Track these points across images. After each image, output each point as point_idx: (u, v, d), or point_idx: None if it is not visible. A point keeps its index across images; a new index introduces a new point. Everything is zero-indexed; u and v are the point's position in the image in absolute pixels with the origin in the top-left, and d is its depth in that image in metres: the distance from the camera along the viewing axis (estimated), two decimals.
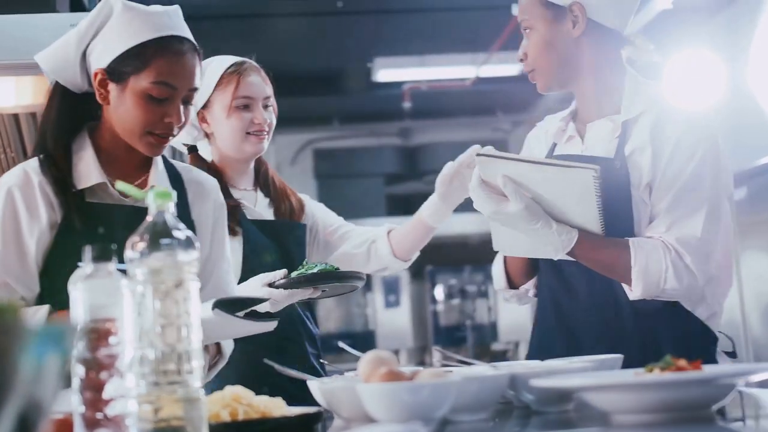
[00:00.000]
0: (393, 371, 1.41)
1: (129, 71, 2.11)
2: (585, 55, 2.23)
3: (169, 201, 1.43)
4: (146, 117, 2.11)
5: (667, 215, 2.10)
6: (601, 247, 2.08)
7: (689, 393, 1.33)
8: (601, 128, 2.22)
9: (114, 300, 1.33)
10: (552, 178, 1.99)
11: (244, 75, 2.75)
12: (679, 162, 2.11)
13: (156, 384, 1.36)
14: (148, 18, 2.13)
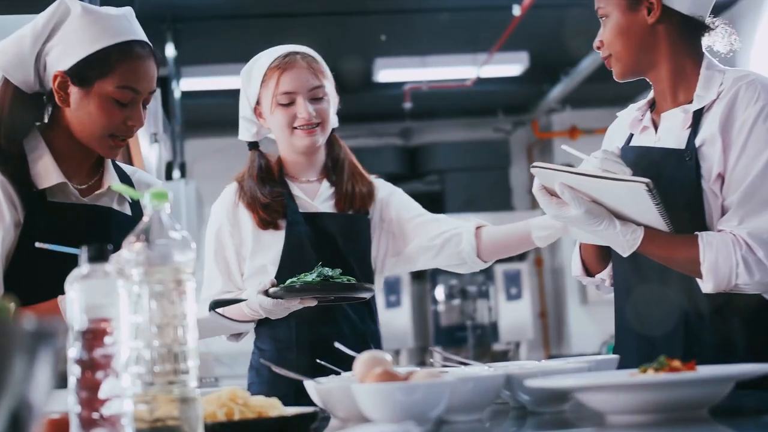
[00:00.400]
0: (388, 371, 1.42)
1: (93, 75, 2.13)
2: (661, 42, 2.19)
3: (166, 201, 1.43)
4: (110, 120, 2.15)
5: (739, 208, 2.05)
6: (669, 244, 2.05)
7: (683, 393, 1.33)
8: (674, 118, 2.18)
9: (110, 300, 1.33)
10: (606, 189, 1.99)
11: (287, 70, 2.64)
12: (752, 153, 2.06)
13: (152, 384, 1.37)
14: (109, 22, 2.15)
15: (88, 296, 1.33)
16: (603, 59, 2.27)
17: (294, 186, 2.71)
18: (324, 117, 2.65)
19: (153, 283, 1.38)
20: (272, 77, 2.64)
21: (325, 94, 2.66)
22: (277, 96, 2.63)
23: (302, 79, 2.63)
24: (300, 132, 2.64)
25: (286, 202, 2.66)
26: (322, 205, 2.70)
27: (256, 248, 2.64)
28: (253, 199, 2.66)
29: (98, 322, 1.31)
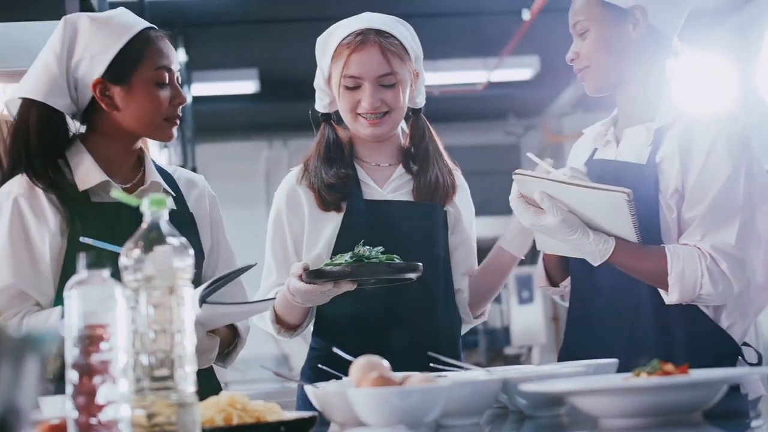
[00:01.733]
0: (383, 376, 1.43)
1: (129, 69, 2.21)
2: (639, 58, 2.26)
3: (164, 208, 1.45)
4: (159, 104, 2.22)
5: (702, 223, 2.12)
6: (638, 255, 2.11)
7: (676, 397, 1.34)
8: (636, 135, 2.25)
9: (108, 306, 1.34)
10: (585, 198, 2.02)
11: (356, 51, 2.41)
12: (713, 170, 2.14)
13: (149, 389, 1.38)
14: (117, 20, 2.25)
15: (85, 302, 1.34)
16: (577, 71, 2.29)
17: (363, 170, 2.52)
18: (393, 105, 2.41)
19: (150, 289, 1.39)
20: (341, 56, 2.43)
21: (398, 81, 2.41)
22: (344, 78, 2.42)
23: (371, 64, 2.40)
24: (363, 120, 2.43)
25: (351, 186, 2.47)
26: (393, 194, 2.49)
27: (312, 235, 2.44)
28: (316, 177, 2.47)
29: (95, 328, 1.33)
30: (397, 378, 1.46)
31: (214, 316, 2.05)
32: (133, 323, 1.39)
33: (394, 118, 2.44)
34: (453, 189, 2.53)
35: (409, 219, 2.44)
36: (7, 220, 2.16)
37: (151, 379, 1.38)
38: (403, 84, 2.43)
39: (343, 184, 2.45)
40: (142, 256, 1.40)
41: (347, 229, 2.41)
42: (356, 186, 2.47)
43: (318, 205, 2.45)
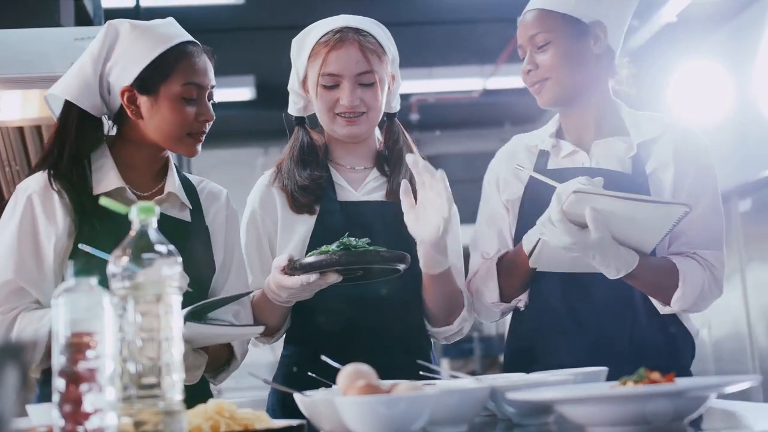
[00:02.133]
0: (370, 384, 1.43)
1: (157, 81, 2.22)
2: (600, 74, 2.33)
3: (153, 216, 1.45)
4: (183, 119, 2.22)
5: (700, 233, 2.24)
6: (653, 268, 2.16)
7: (662, 405, 1.34)
8: (611, 146, 2.30)
9: (95, 314, 1.34)
10: (641, 213, 2.03)
11: (334, 48, 2.38)
12: (704, 184, 2.26)
13: (137, 397, 1.38)
14: (157, 30, 2.25)
15: (72, 309, 1.34)
16: (532, 83, 2.31)
17: (337, 173, 2.50)
18: (371, 105, 2.39)
19: (138, 296, 1.39)
20: (319, 54, 2.40)
21: (376, 80, 2.38)
22: (322, 76, 2.39)
23: (350, 62, 2.37)
24: (341, 120, 2.40)
25: (325, 187, 2.45)
26: (367, 196, 2.47)
27: (285, 236, 2.42)
28: (289, 179, 2.46)
29: (82, 336, 1.33)
30: (384, 386, 1.46)
31: (198, 335, 2.04)
32: (121, 331, 1.39)
33: (372, 118, 2.42)
34: None
35: (383, 219, 2.39)
36: (18, 216, 2.20)
37: (139, 386, 1.38)
38: (381, 84, 2.40)
39: (316, 186, 2.43)
40: (130, 263, 1.40)
41: (320, 231, 2.38)
42: (330, 188, 2.45)
43: (291, 207, 2.43)
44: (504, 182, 2.43)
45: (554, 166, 2.34)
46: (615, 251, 2.05)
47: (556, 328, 2.30)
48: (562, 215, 2.01)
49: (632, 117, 2.34)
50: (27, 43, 3.28)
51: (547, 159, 2.37)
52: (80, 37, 3.36)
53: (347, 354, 1.84)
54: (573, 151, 2.34)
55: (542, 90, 2.30)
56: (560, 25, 2.27)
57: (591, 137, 2.34)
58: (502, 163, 2.46)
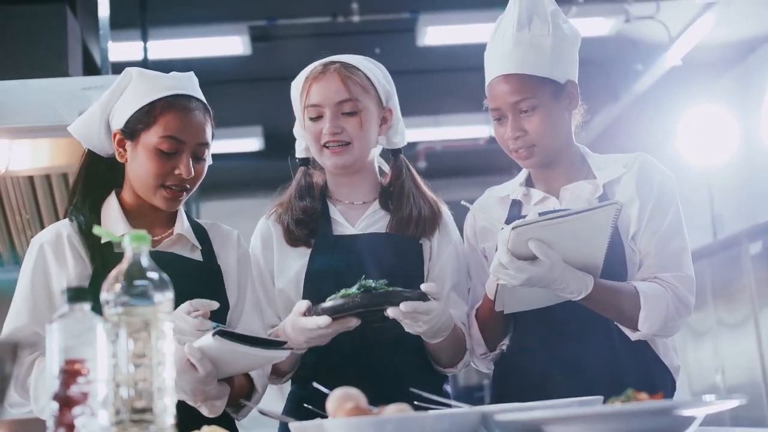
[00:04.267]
0: (358, 407, 1.44)
1: (140, 128, 2.24)
2: (570, 129, 2.39)
3: (145, 244, 1.48)
4: (157, 170, 2.22)
5: (659, 256, 2.29)
6: (612, 290, 2.20)
7: (648, 424, 1.35)
8: (579, 189, 2.37)
9: (87, 340, 1.37)
10: (580, 226, 2.06)
11: (316, 80, 2.41)
12: (663, 210, 2.32)
13: (129, 421, 1.40)
14: (159, 80, 2.28)
15: (66, 336, 1.37)
16: (518, 148, 2.31)
17: (335, 208, 2.50)
18: (355, 135, 2.38)
19: (131, 322, 1.42)
20: (305, 88, 2.43)
21: (358, 109, 2.37)
22: (306, 108, 2.41)
23: (330, 91, 2.39)
24: (327, 151, 2.40)
25: (321, 222, 2.46)
26: (363, 231, 2.46)
27: (280, 268, 2.44)
28: (286, 213, 2.48)
29: (74, 363, 1.35)
30: (372, 409, 1.48)
31: (226, 351, 1.98)
32: (114, 356, 1.41)
33: (358, 148, 2.40)
34: (434, 224, 2.46)
35: (377, 251, 2.38)
36: (31, 265, 2.25)
37: (131, 411, 1.40)
38: (365, 113, 2.38)
39: (311, 220, 2.45)
40: (123, 290, 1.42)
41: (315, 264, 2.40)
42: (326, 222, 2.46)
43: (287, 240, 2.45)
44: (481, 231, 2.47)
45: (526, 213, 2.38)
46: (570, 273, 2.10)
47: (534, 366, 2.34)
48: (510, 256, 2.06)
49: (596, 160, 2.41)
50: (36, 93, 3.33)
51: (520, 207, 2.42)
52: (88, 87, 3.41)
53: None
54: (543, 197, 2.39)
55: (530, 155, 2.31)
56: (543, 90, 2.29)
57: (560, 184, 2.39)
58: (478, 215, 2.48)
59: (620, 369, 2.28)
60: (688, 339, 8.06)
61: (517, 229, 2.03)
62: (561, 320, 2.30)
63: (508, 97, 2.28)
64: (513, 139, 2.29)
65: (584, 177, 2.39)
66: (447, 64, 7.53)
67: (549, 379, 2.31)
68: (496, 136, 2.36)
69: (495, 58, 2.34)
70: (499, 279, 2.11)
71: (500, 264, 2.07)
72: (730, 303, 7.63)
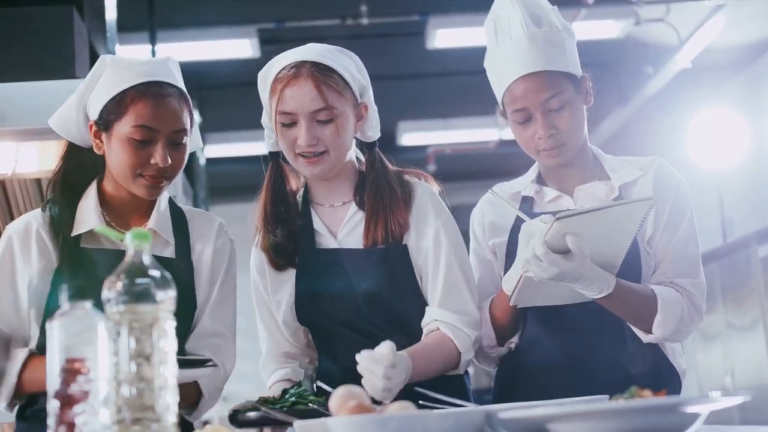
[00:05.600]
0: (361, 404, 1.44)
1: (112, 118, 2.19)
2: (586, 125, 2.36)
3: (147, 242, 1.47)
4: (132, 160, 2.19)
5: (676, 262, 2.28)
6: (632, 291, 2.18)
7: (653, 421, 1.34)
8: (593, 190, 2.35)
9: (87, 338, 1.36)
10: (611, 220, 2.05)
11: (288, 85, 2.25)
12: (679, 215, 2.31)
13: (131, 420, 1.39)
14: (132, 67, 2.22)
15: (66, 334, 1.36)
16: (551, 148, 2.26)
17: (316, 216, 2.37)
18: (331, 144, 2.25)
19: (132, 320, 1.41)
20: (276, 91, 2.27)
21: (334, 116, 2.24)
22: (279, 114, 2.27)
23: (304, 99, 2.24)
24: (302, 159, 2.28)
25: (301, 238, 2.34)
26: (347, 237, 2.33)
27: (275, 295, 2.35)
28: (264, 240, 2.36)
29: (74, 362, 1.35)
30: (376, 408, 1.47)
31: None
32: (115, 354, 1.41)
33: (334, 156, 2.28)
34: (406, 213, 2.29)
35: (362, 268, 2.28)
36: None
37: (133, 409, 1.39)
38: (341, 120, 2.26)
39: (291, 242, 2.33)
40: (124, 288, 1.42)
41: (302, 284, 2.32)
42: (308, 235, 2.35)
43: (274, 268, 2.36)
44: (490, 227, 2.44)
45: (539, 210, 2.36)
46: (596, 271, 2.08)
47: (545, 364, 2.33)
48: (546, 248, 2.02)
49: (610, 162, 2.39)
50: (43, 95, 3.32)
51: (532, 204, 2.39)
52: None
53: None
54: (557, 196, 2.36)
55: (559, 154, 2.28)
56: (567, 85, 2.27)
57: (574, 183, 2.36)
58: (486, 210, 2.46)
59: (630, 369, 2.27)
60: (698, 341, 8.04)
61: (560, 221, 1.99)
62: (571, 319, 2.29)
63: (535, 96, 2.24)
64: (546, 138, 2.24)
65: (597, 177, 2.37)
66: (456, 67, 7.52)
67: (557, 379, 2.30)
68: (520, 138, 2.31)
69: (510, 61, 2.29)
70: (528, 271, 2.07)
71: (535, 256, 2.03)
72: (740, 306, 7.61)
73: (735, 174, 7.96)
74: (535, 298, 2.21)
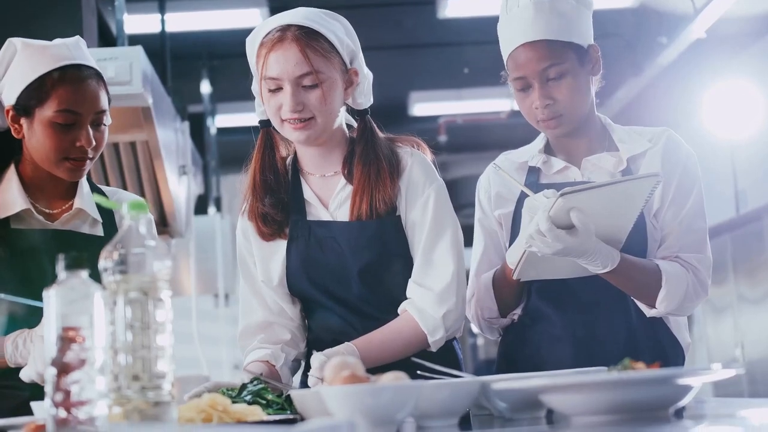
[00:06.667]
0: (354, 374, 1.45)
1: (33, 104, 2.21)
2: (593, 97, 2.34)
3: (144, 212, 1.48)
4: (57, 144, 2.21)
5: (683, 237, 2.27)
6: (636, 266, 2.18)
7: (644, 393, 1.34)
8: (601, 161, 2.33)
9: (84, 307, 1.37)
10: (617, 196, 2.05)
11: (273, 50, 2.20)
12: (687, 189, 2.30)
13: (127, 388, 1.41)
14: (46, 51, 2.23)
15: (62, 303, 1.37)
16: (548, 118, 2.25)
17: (307, 186, 2.34)
18: (317, 109, 2.21)
19: (129, 290, 1.42)
20: (261, 57, 2.23)
21: (320, 81, 2.20)
22: (264, 80, 2.22)
23: (289, 64, 2.19)
24: (288, 125, 2.23)
25: (291, 208, 2.31)
26: (339, 210, 2.30)
27: (263, 264, 2.31)
28: (251, 209, 2.32)
29: (70, 330, 1.36)
30: (370, 378, 1.48)
31: None
32: (112, 324, 1.42)
33: (321, 122, 2.23)
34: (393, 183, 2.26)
35: (355, 242, 2.26)
36: None
37: (129, 377, 1.41)
38: (328, 84, 2.22)
39: (279, 212, 2.30)
40: (121, 257, 1.43)
41: (294, 255, 2.29)
42: (299, 206, 2.32)
43: (261, 237, 2.33)
44: (496, 197, 2.42)
45: (546, 181, 2.34)
46: (600, 246, 2.07)
47: (548, 336, 2.33)
48: (551, 223, 2.01)
49: (619, 132, 2.37)
50: None
51: (538, 175, 2.37)
52: (103, 58, 3.40)
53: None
54: (564, 167, 2.34)
55: (558, 124, 2.27)
56: (569, 55, 2.25)
57: (581, 153, 2.34)
58: (492, 180, 2.45)
59: (634, 343, 2.27)
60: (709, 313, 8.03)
61: (565, 197, 1.98)
62: (575, 292, 2.29)
63: (534, 65, 2.23)
64: (542, 108, 2.24)
65: (606, 149, 2.35)
66: (469, 36, 7.47)
67: (559, 351, 2.30)
68: (521, 106, 2.31)
69: (515, 27, 2.29)
70: (531, 246, 2.07)
71: (538, 231, 2.03)
72: (751, 278, 7.59)
73: (749, 146, 7.91)
74: (538, 272, 2.21)
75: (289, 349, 2.30)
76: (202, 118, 7.63)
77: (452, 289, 2.23)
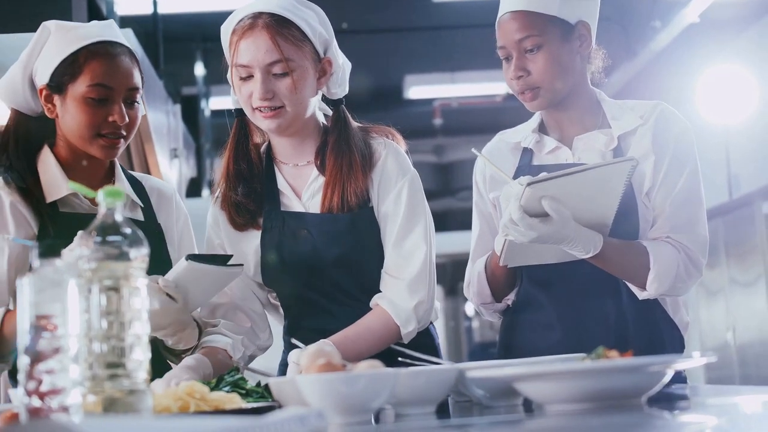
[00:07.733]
0: (330, 363, 1.45)
1: (66, 80, 2.21)
2: (583, 73, 2.32)
3: (120, 199, 1.48)
4: (90, 120, 2.21)
5: (673, 216, 2.24)
6: (621, 249, 2.17)
7: (616, 381, 1.35)
8: (592, 140, 2.31)
9: (57, 295, 1.37)
10: (592, 182, 2.03)
11: (243, 37, 2.20)
12: (679, 166, 2.26)
13: (102, 376, 1.41)
14: (78, 31, 2.24)
15: (36, 291, 1.37)
16: (522, 90, 2.26)
17: (281, 175, 2.34)
18: (287, 98, 2.20)
19: (103, 278, 1.42)
20: (233, 44, 2.24)
21: (290, 69, 2.19)
22: (235, 68, 2.22)
23: (259, 51, 2.19)
24: (258, 114, 2.22)
25: (265, 199, 2.32)
26: (312, 201, 2.31)
27: (236, 255, 2.24)
28: (224, 198, 2.34)
29: (43, 318, 1.36)
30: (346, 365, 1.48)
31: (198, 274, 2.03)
32: (86, 312, 1.42)
33: (292, 111, 2.22)
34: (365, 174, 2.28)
35: (329, 234, 2.26)
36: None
37: (104, 366, 1.41)
38: (298, 73, 2.21)
39: (252, 202, 2.32)
40: (96, 245, 1.42)
41: (268, 246, 2.29)
42: (273, 196, 2.33)
43: (233, 227, 2.34)
44: (490, 180, 2.42)
45: (538, 162, 2.34)
46: (580, 231, 2.06)
47: (540, 321, 2.33)
48: (522, 212, 2.02)
49: (613, 108, 2.34)
50: None
51: (531, 156, 2.37)
52: None
53: None
54: (556, 147, 2.33)
55: (535, 97, 2.26)
56: (549, 28, 2.24)
57: (574, 132, 2.33)
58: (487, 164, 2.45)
59: (627, 326, 2.26)
60: (701, 297, 8.05)
61: (532, 186, 1.99)
62: (566, 276, 2.28)
63: (513, 35, 2.24)
64: (515, 78, 2.25)
65: (599, 126, 2.32)
66: (463, 19, 7.47)
67: (552, 335, 2.30)
68: (505, 78, 2.31)
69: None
70: (508, 235, 2.08)
71: (511, 220, 2.03)
72: (743, 262, 7.61)
73: (743, 130, 7.91)
74: (524, 258, 2.21)
75: (248, 342, 2.29)
76: (197, 100, 7.62)
77: (423, 279, 2.25)
